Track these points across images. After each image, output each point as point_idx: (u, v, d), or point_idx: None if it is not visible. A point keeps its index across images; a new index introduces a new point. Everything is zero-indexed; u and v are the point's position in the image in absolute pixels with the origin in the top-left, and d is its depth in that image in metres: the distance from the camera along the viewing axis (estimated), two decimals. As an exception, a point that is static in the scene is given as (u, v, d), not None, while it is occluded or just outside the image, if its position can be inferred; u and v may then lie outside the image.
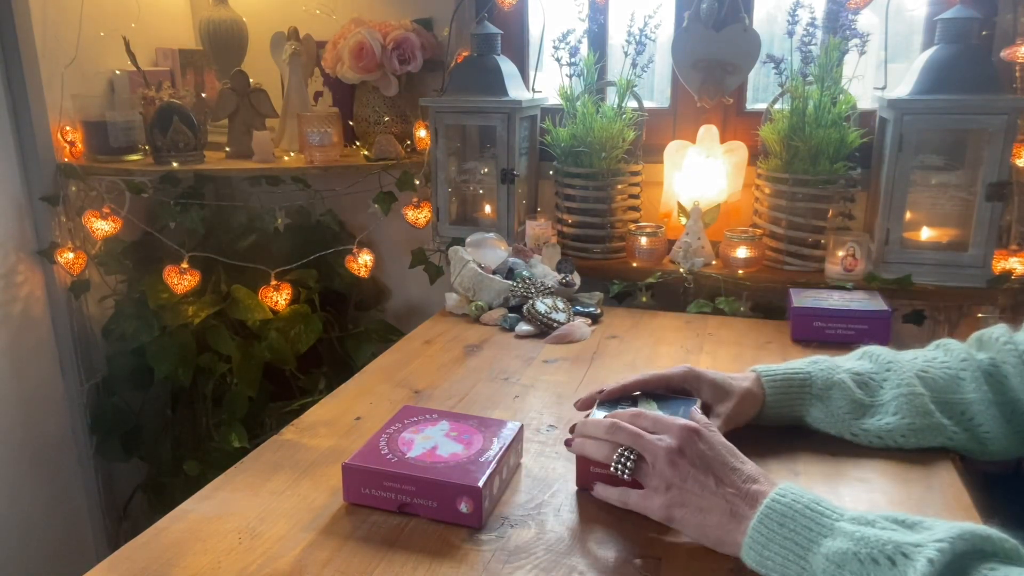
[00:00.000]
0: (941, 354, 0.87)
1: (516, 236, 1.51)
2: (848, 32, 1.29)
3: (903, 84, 1.31)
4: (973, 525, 0.53)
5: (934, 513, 0.72)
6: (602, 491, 0.73)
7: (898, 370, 0.85)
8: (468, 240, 1.41)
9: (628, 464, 0.69)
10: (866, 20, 1.33)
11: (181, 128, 1.56)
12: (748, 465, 0.67)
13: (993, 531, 0.52)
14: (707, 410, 0.84)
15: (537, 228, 1.48)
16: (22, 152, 1.55)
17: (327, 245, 1.69)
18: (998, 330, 0.85)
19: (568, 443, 0.77)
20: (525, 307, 1.26)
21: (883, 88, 1.37)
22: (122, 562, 0.66)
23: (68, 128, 1.57)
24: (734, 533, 0.62)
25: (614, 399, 0.83)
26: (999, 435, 0.81)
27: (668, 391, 0.85)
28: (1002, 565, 0.51)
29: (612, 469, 0.70)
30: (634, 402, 0.82)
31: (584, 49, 1.47)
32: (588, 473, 0.75)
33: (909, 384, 0.83)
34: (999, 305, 1.30)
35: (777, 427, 0.87)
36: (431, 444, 0.77)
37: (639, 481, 0.70)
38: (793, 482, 0.73)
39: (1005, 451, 0.82)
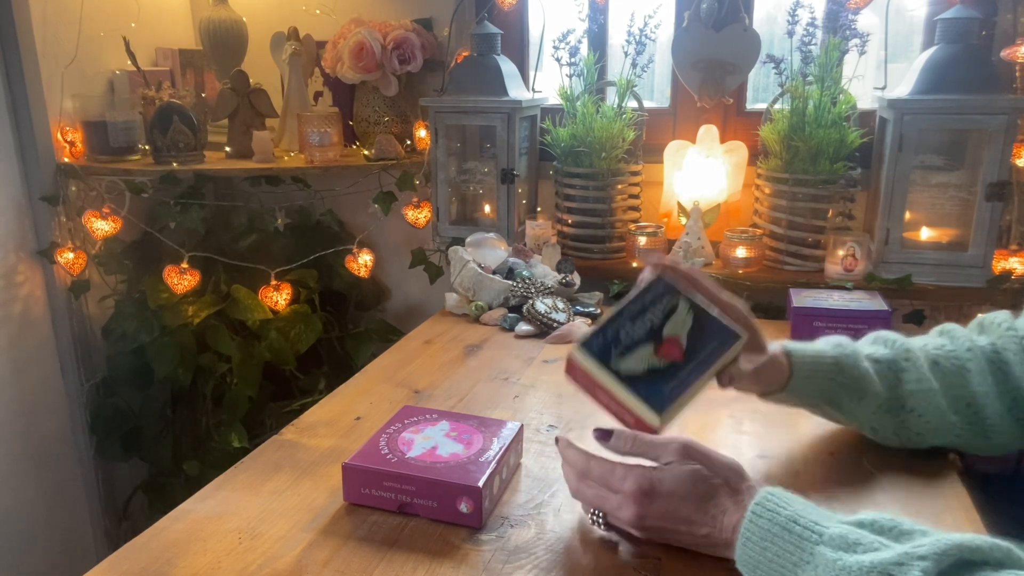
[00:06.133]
0: (947, 342, 0.84)
1: (516, 236, 1.51)
2: (848, 32, 1.29)
3: (903, 84, 1.31)
4: (961, 536, 0.51)
5: (934, 513, 0.72)
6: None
7: (915, 359, 0.81)
8: (468, 240, 1.41)
9: (600, 519, 0.69)
10: (866, 20, 1.33)
11: (181, 128, 1.56)
12: (717, 486, 0.64)
13: (983, 539, 0.51)
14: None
15: (537, 228, 1.48)
16: (22, 152, 1.55)
17: (327, 245, 1.68)
18: (1000, 315, 0.84)
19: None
20: (525, 307, 1.26)
21: (883, 88, 1.37)
22: (122, 562, 0.66)
23: (68, 128, 1.57)
24: (726, 552, 0.62)
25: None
26: (1003, 427, 0.80)
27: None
28: (994, 571, 0.49)
29: (590, 520, 0.69)
30: (673, 308, 0.72)
31: (584, 49, 1.46)
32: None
33: (927, 379, 0.80)
34: (999, 305, 1.30)
35: (780, 422, 0.87)
36: (431, 444, 0.77)
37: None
38: (793, 482, 0.72)
39: (1008, 443, 0.81)
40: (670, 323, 0.70)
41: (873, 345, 0.85)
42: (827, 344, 0.83)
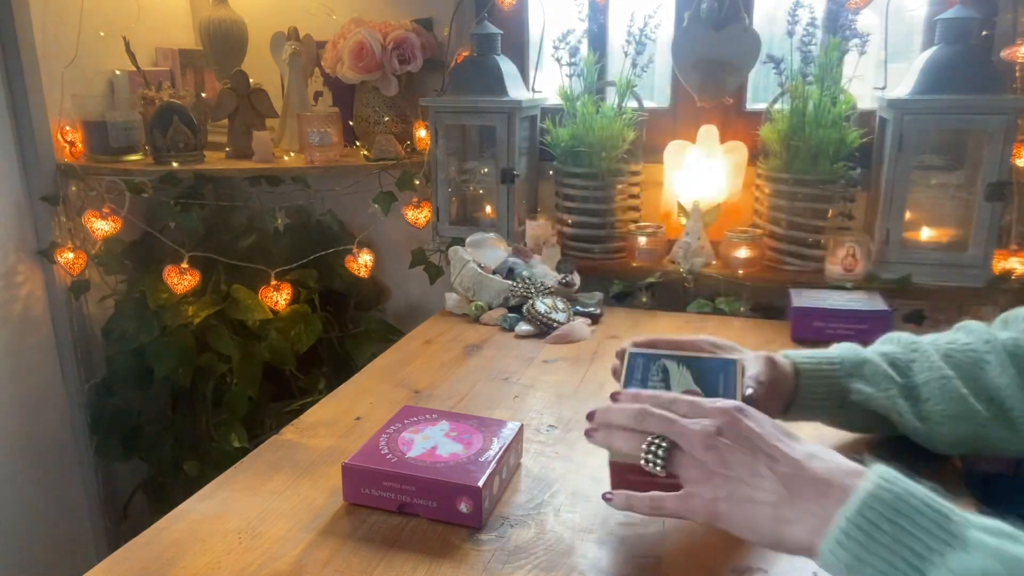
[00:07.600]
0: (963, 336, 0.81)
1: (516, 236, 1.51)
2: (848, 32, 1.29)
3: (903, 84, 1.31)
4: None
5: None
6: (624, 502, 0.63)
7: (924, 351, 0.79)
8: (468, 240, 1.41)
9: (660, 454, 0.59)
10: (866, 20, 1.33)
11: (181, 128, 1.56)
12: (807, 443, 0.57)
13: None
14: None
15: (537, 228, 1.48)
16: (22, 152, 1.55)
17: (327, 245, 1.68)
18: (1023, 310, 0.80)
19: (590, 433, 0.65)
20: (525, 307, 1.26)
21: (883, 88, 1.37)
22: (122, 562, 0.66)
23: (68, 128, 1.57)
24: (800, 525, 0.52)
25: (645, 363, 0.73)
26: None
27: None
28: None
29: (642, 462, 0.60)
30: (664, 370, 0.72)
31: (584, 49, 1.46)
32: (625, 482, 0.65)
33: (938, 367, 0.77)
34: (999, 305, 1.30)
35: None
36: (431, 444, 0.77)
37: (674, 475, 0.60)
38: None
39: None
40: (673, 383, 0.72)
41: (881, 344, 0.84)
42: (833, 347, 0.84)
